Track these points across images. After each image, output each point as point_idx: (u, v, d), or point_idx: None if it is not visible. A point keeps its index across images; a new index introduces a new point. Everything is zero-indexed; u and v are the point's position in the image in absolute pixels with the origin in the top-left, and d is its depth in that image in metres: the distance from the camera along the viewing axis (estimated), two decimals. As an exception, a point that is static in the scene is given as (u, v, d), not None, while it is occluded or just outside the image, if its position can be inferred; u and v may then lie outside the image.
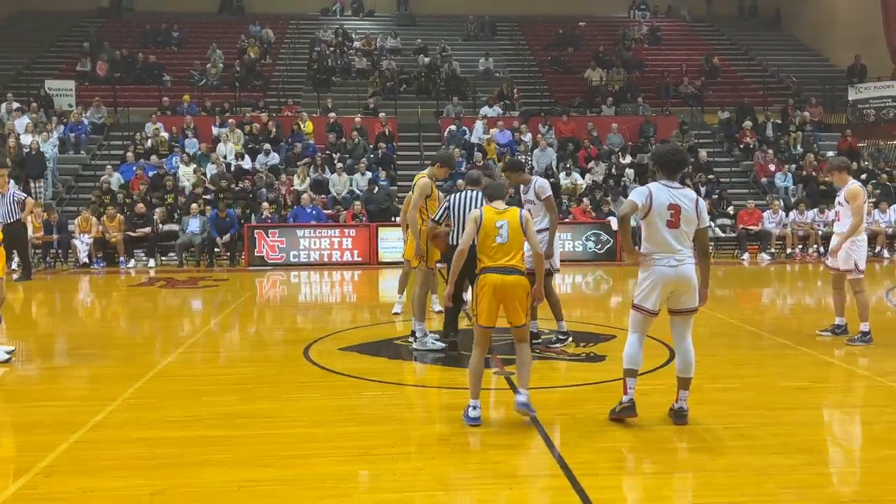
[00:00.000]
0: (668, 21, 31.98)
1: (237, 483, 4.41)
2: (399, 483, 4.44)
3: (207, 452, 4.92)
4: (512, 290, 5.26)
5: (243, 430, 5.38)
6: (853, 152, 21.45)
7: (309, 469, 4.63)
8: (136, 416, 5.72)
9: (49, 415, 5.80)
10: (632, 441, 5.11)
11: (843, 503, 4.16)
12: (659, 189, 5.31)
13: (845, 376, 7.00)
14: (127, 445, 5.09)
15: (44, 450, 4.94)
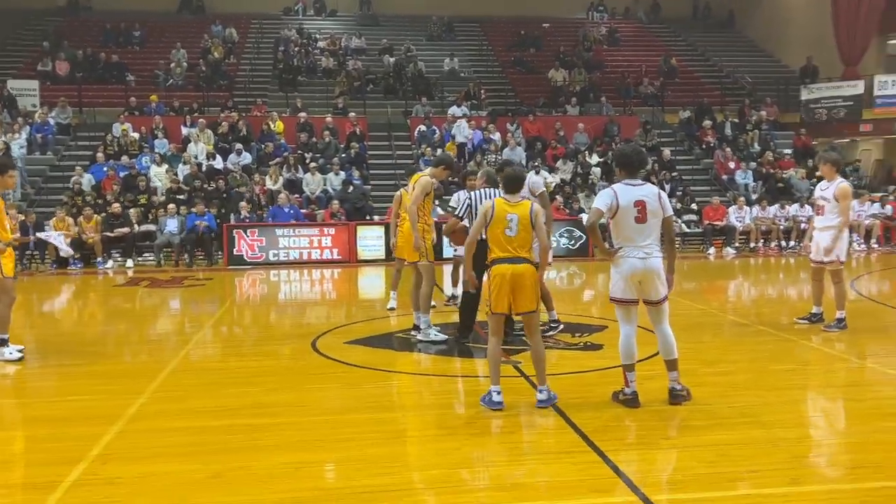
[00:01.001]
0: (625, 22, 32.69)
1: (293, 465, 4.68)
2: (442, 460, 4.75)
3: (251, 439, 5.17)
4: (521, 279, 5.59)
5: (277, 418, 5.64)
6: (807, 150, 22.37)
7: (355, 451, 4.91)
8: (168, 408, 5.93)
9: (81, 408, 5.98)
10: (647, 419, 5.49)
11: (848, 468, 4.59)
12: (623, 189, 5.69)
13: (828, 360, 7.50)
14: (170, 434, 5.30)
15: (89, 440, 5.13)
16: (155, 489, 4.36)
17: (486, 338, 8.20)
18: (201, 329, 9.35)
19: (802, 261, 16.51)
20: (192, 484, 4.44)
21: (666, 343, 5.81)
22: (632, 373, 5.79)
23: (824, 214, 8.66)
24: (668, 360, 5.83)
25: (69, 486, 4.38)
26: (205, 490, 4.35)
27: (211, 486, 4.41)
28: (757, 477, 4.45)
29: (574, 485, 4.38)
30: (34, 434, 5.38)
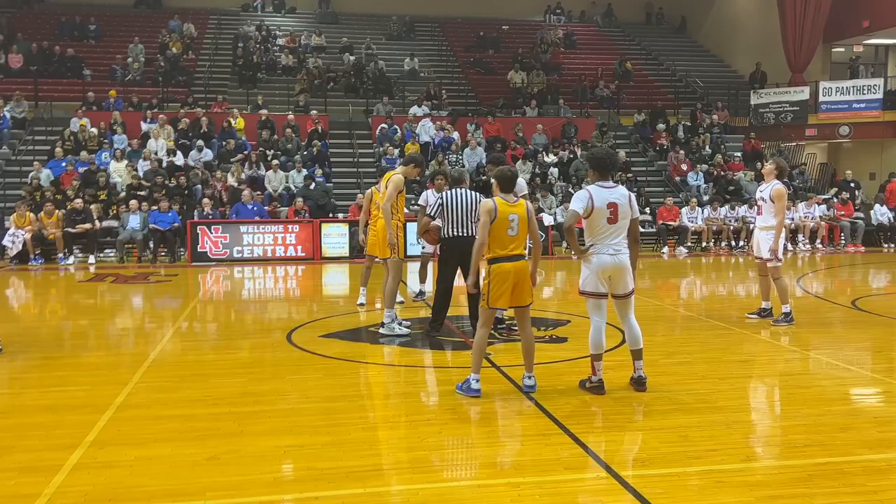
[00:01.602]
0: (581, 26, 33.30)
1: (282, 448, 4.94)
2: (427, 443, 5.07)
3: (240, 425, 5.41)
4: (521, 275, 5.94)
5: (265, 406, 5.89)
6: (757, 153, 23.19)
7: (343, 435, 5.19)
8: (155, 398, 6.13)
9: (69, 398, 6.15)
10: (612, 405, 5.88)
11: (797, 447, 5.02)
12: (597, 190, 6.07)
13: (778, 351, 8.00)
14: (162, 421, 5.52)
15: (83, 427, 5.32)
16: (154, 471, 4.58)
17: (457, 332, 8.60)
18: (174, 323, 9.50)
19: (751, 260, 17.23)
20: (190, 466, 4.67)
21: (632, 334, 6.21)
22: (599, 362, 6.17)
23: (762, 214, 9.20)
24: (634, 349, 6.23)
25: (70, 469, 4.58)
26: (202, 471, 4.59)
27: (208, 467, 4.65)
28: (715, 455, 4.85)
29: (549, 463, 4.73)
30: (28, 422, 5.53)
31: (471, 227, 7.90)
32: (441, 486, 4.45)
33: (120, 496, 4.22)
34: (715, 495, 4.21)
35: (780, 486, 4.36)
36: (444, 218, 8.03)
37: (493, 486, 4.38)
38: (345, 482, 4.41)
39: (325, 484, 4.37)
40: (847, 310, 10.41)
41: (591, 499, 4.24)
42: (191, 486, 4.37)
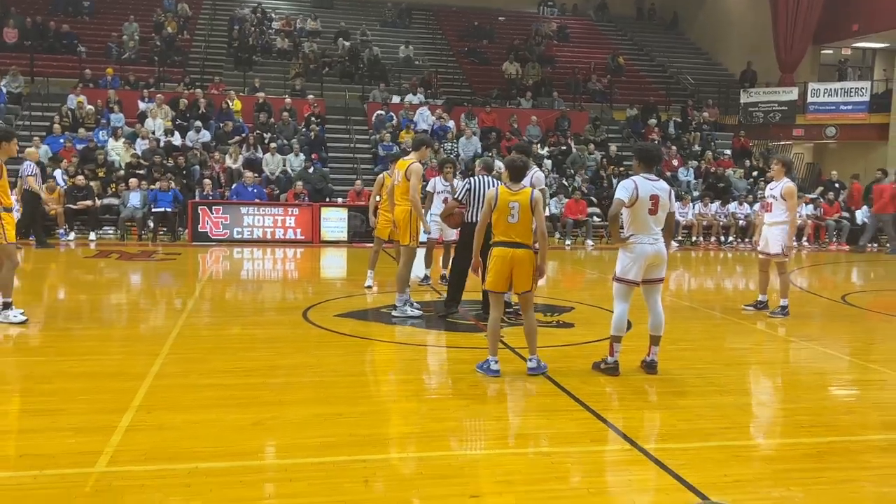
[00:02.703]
0: (575, 19, 33.58)
1: (324, 416, 5.21)
2: (457, 415, 5.36)
3: (278, 395, 5.67)
4: (520, 262, 6.19)
5: (296, 378, 6.15)
6: (745, 151, 23.65)
7: (376, 406, 5.47)
8: (190, 368, 6.36)
9: (107, 366, 6.38)
10: (627, 387, 6.19)
11: (804, 427, 5.36)
12: (642, 182, 6.37)
13: (777, 340, 8.37)
14: (201, 389, 5.77)
15: (126, 393, 5.55)
16: (204, 433, 4.83)
17: (467, 315, 8.89)
18: (189, 300, 9.71)
19: (740, 255, 17.68)
20: (237, 430, 4.93)
21: (657, 320, 6.50)
22: (618, 344, 6.47)
23: (772, 211, 9.51)
24: (656, 335, 6.54)
25: (125, 430, 4.82)
26: (250, 435, 4.84)
27: (255, 431, 4.91)
28: (730, 432, 5.19)
29: (575, 436, 5.04)
30: (71, 387, 5.75)
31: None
32: (477, 453, 4.75)
33: (178, 455, 4.47)
34: (734, 467, 4.53)
35: (793, 461, 4.69)
36: (470, 203, 8.29)
37: (525, 455, 4.69)
38: (387, 447, 4.70)
39: (369, 448, 4.65)
40: (838, 304, 10.82)
41: (620, 468, 4.55)
42: (243, 447, 4.62)
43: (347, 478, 4.21)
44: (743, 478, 4.37)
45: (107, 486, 4.03)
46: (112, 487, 4.02)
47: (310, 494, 4.01)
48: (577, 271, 14.42)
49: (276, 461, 4.46)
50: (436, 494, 4.09)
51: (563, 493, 4.16)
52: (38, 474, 4.14)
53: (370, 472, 4.33)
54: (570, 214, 18.24)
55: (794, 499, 4.10)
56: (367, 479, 4.20)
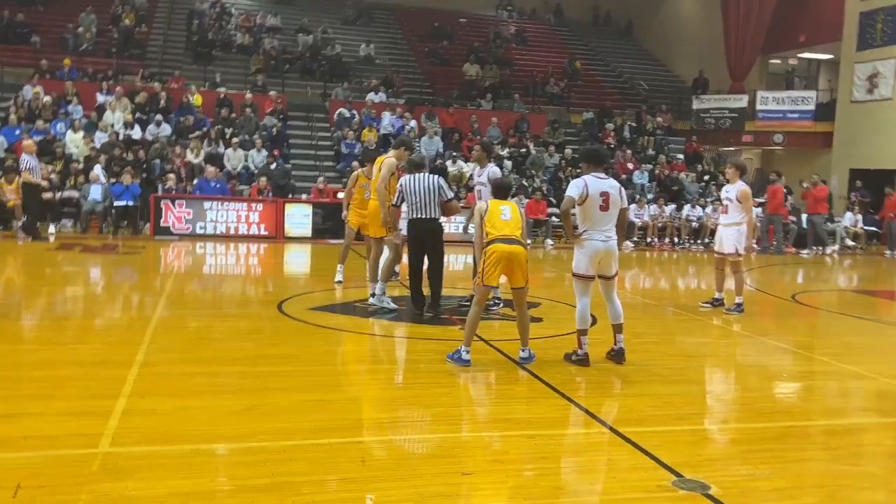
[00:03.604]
0: (532, 23, 34.05)
1: (313, 402, 5.41)
2: (443, 399, 5.61)
3: (265, 383, 5.83)
4: (515, 258, 6.48)
5: (281, 367, 6.32)
6: (697, 156, 24.36)
7: (365, 392, 5.69)
8: (174, 357, 6.49)
9: (88, 355, 6.47)
10: (598, 376, 6.50)
11: (765, 413, 5.73)
12: (592, 180, 6.71)
13: (733, 335, 8.79)
14: (189, 377, 5.91)
15: (115, 380, 5.65)
16: (199, 418, 4.99)
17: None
18: (162, 292, 9.76)
19: (693, 255, 18.26)
20: (231, 415, 5.09)
21: (615, 310, 6.85)
22: (585, 337, 6.78)
23: (728, 213, 9.96)
24: (616, 324, 6.87)
25: (121, 415, 4.95)
26: (244, 419, 5.01)
27: (248, 416, 5.08)
28: (698, 417, 5.54)
29: (555, 420, 5.33)
30: (60, 374, 5.84)
31: (431, 209, 8.30)
32: (464, 435, 5.00)
33: (177, 437, 4.62)
34: (705, 448, 4.87)
35: (757, 442, 5.04)
36: (407, 202, 8.39)
37: (511, 437, 4.94)
38: (379, 430, 4.93)
39: (361, 431, 4.87)
40: (788, 303, 11.35)
41: (599, 449, 4.85)
42: (238, 430, 4.79)
43: (344, 458, 4.42)
44: (713, 457, 4.70)
45: (113, 465, 4.17)
46: (118, 467, 4.16)
47: (310, 473, 4.21)
48: (538, 269, 14.74)
49: (273, 443, 4.63)
50: (430, 472, 4.33)
51: (549, 471, 4.43)
52: (45, 454, 4.26)
53: (365, 452, 4.55)
54: (530, 214, 18.59)
55: (761, 475, 4.43)
56: (364, 459, 4.42)
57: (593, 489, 4.20)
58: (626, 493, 4.10)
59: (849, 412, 5.98)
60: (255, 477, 4.11)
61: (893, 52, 22.62)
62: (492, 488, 4.16)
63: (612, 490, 4.16)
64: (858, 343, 8.71)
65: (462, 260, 15.32)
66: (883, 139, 22.84)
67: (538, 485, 4.23)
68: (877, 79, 23.21)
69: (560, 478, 4.35)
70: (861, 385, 6.71)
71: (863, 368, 7.20)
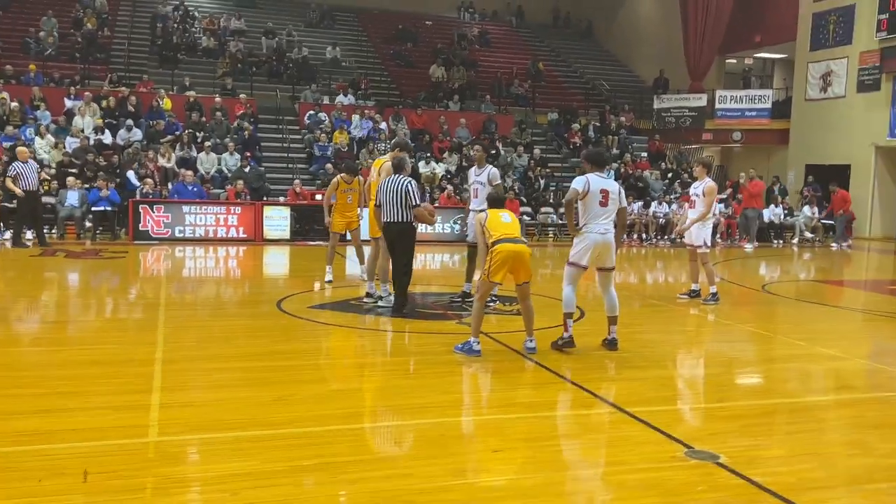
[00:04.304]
0: (495, 25, 34.52)
1: (340, 391, 5.72)
2: (456, 388, 5.97)
3: (289, 376, 6.11)
4: (520, 256, 6.84)
5: (298, 361, 6.61)
6: (660, 154, 25.04)
7: (383, 383, 6.01)
8: (192, 355, 6.73)
9: (109, 354, 6.67)
10: (596, 363, 6.90)
11: (756, 391, 6.20)
12: (594, 178, 7.15)
13: (714, 323, 9.28)
14: (212, 373, 6.15)
15: (143, 377, 5.90)
16: (234, 408, 5.26)
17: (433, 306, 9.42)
18: (159, 295, 9.93)
19: (660, 251, 18.84)
20: (263, 405, 5.37)
21: (611, 302, 7.26)
22: (570, 320, 7.16)
23: (695, 207, 10.48)
24: (611, 315, 7.28)
25: (159, 407, 5.20)
26: (278, 408, 5.30)
27: (280, 406, 5.37)
28: (696, 397, 5.98)
29: (566, 402, 5.72)
30: (87, 373, 6.05)
31: (400, 212, 8.42)
32: (486, 418, 5.35)
33: (218, 426, 4.89)
34: (710, 423, 5.29)
35: (753, 417, 5.48)
36: (384, 203, 8.51)
37: (528, 418, 5.31)
38: (406, 415, 5.25)
39: (391, 416, 5.20)
40: (759, 293, 11.91)
41: (612, 427, 5.23)
42: (274, 418, 5.08)
43: (380, 440, 4.75)
44: (717, 431, 5.12)
45: (167, 452, 4.44)
46: (172, 453, 4.43)
47: (351, 454, 4.52)
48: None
49: (311, 429, 4.93)
50: (462, 450, 4.68)
51: (571, 446, 4.81)
52: (99, 444, 4.51)
53: (398, 435, 4.88)
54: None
55: (761, 446, 4.86)
56: (398, 441, 4.74)
57: (614, 460, 4.57)
58: (644, 463, 4.49)
59: (830, 389, 6.47)
60: (301, 458, 4.41)
61: (846, 51, 23.55)
62: (522, 462, 4.52)
63: (630, 461, 4.54)
64: (829, 328, 9.28)
65: (455, 259, 15.69)
66: (836, 136, 23.77)
67: (563, 458, 4.60)
68: (830, 77, 24.14)
69: (583, 452, 4.73)
70: (837, 365, 7.23)
71: (836, 350, 7.74)
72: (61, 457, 4.30)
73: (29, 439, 4.56)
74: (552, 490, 4.07)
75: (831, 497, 4.12)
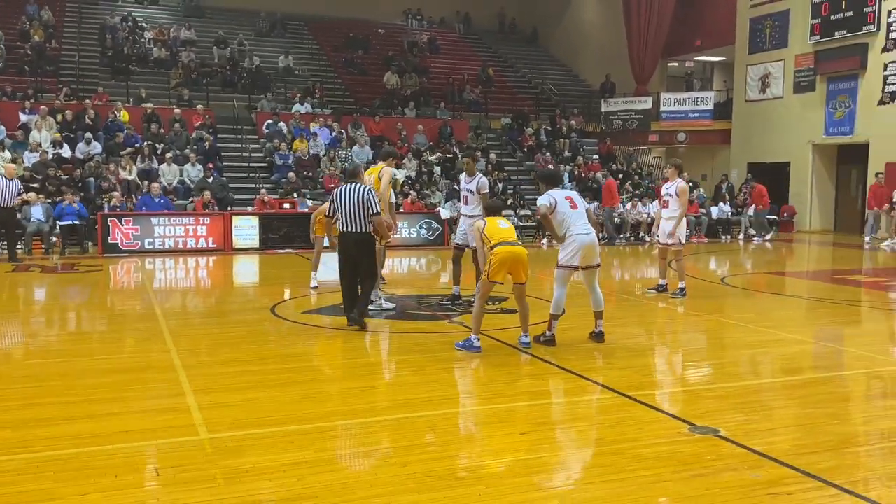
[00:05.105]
0: (442, 32, 35.06)
1: (360, 388, 6.12)
2: (466, 380, 6.45)
3: (306, 377, 6.50)
4: (519, 258, 7.31)
5: (311, 363, 7.01)
6: (611, 155, 25.89)
7: (396, 378, 6.43)
8: (209, 360, 7.04)
9: (126, 363, 6.95)
10: (587, 354, 7.42)
11: (738, 374, 6.79)
12: (555, 191, 7.76)
13: (685, 315, 9.92)
14: (234, 375, 6.48)
15: (171, 382, 6.21)
16: (268, 407, 5.62)
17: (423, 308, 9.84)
18: (151, 305, 10.15)
19: (618, 249, 19.59)
20: (294, 403, 5.74)
21: (597, 298, 7.80)
22: (556, 321, 7.67)
23: (668, 207, 11.12)
24: (598, 310, 7.82)
25: (198, 409, 5.52)
26: (307, 406, 5.68)
27: (309, 403, 5.75)
28: (686, 381, 6.55)
29: (568, 390, 6.22)
30: (112, 381, 6.31)
31: (360, 222, 8.16)
32: (504, 406, 5.80)
33: (262, 422, 5.25)
34: (704, 402, 5.85)
35: (740, 396, 6.07)
36: (337, 213, 8.29)
37: (538, 405, 5.81)
38: (430, 406, 5.68)
39: (416, 408, 5.61)
40: (720, 286, 12.65)
41: (618, 409, 5.74)
42: (309, 414, 5.46)
43: (414, 429, 5.16)
44: (712, 410, 5.68)
45: (224, 447, 4.78)
46: (229, 448, 4.78)
47: (392, 442, 4.94)
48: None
49: (346, 422, 5.32)
50: (493, 434, 5.14)
51: (587, 427, 5.31)
52: (155, 443, 4.83)
53: (429, 424, 5.30)
54: (465, 217, 19.54)
55: (753, 420, 5.43)
56: (433, 429, 5.17)
57: (628, 437, 5.07)
58: (655, 439, 5.01)
59: (803, 370, 7.12)
60: (348, 448, 4.83)
61: (782, 54, 24.73)
62: (547, 441, 5.02)
63: (642, 438, 5.05)
64: (790, 315, 10.03)
65: (422, 262, 16.09)
66: (776, 135, 24.94)
67: (583, 437, 5.10)
68: (768, 79, 25.31)
69: (599, 431, 5.23)
70: (805, 349, 7.92)
71: (801, 336, 8.46)
72: (124, 455, 4.61)
73: (84, 441, 4.86)
74: (583, 464, 4.56)
75: (821, 460, 4.69)
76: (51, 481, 4.25)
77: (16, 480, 4.26)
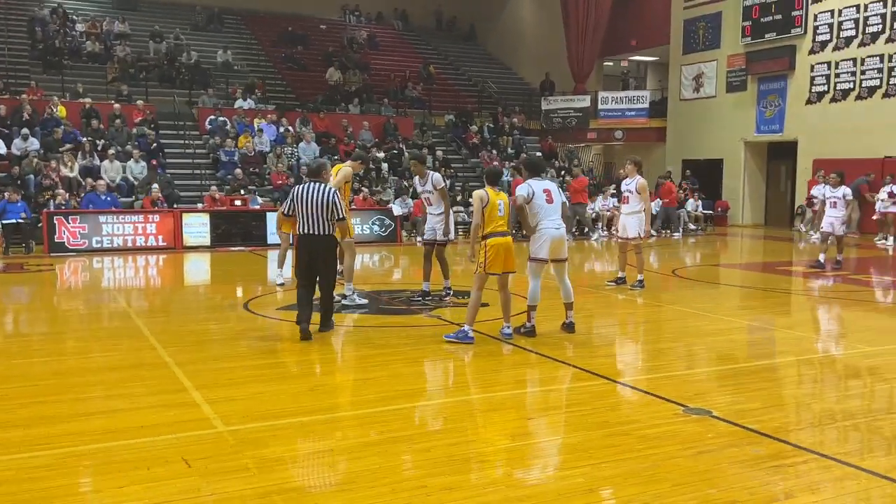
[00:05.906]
0: (380, 28, 35.05)
1: (361, 380, 6.25)
2: (462, 371, 6.62)
3: (307, 371, 6.61)
4: (510, 248, 7.52)
5: (307, 356, 7.07)
6: (553, 153, 26.42)
7: (388, 370, 6.54)
8: (199, 357, 7.04)
9: (118, 361, 6.90)
10: (562, 343, 7.69)
11: (712, 359, 7.17)
12: (534, 182, 7.98)
13: (647, 306, 10.31)
14: (234, 370, 6.51)
15: (169, 378, 6.22)
16: (277, 400, 5.69)
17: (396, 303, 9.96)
18: (117, 303, 10.02)
19: (575, 243, 20.05)
20: (301, 394, 5.84)
21: (567, 290, 8.07)
22: (534, 312, 7.92)
23: (629, 203, 11.52)
24: (567, 302, 8.10)
25: (208, 403, 5.56)
26: (316, 397, 5.79)
27: (317, 394, 5.86)
28: (667, 367, 6.88)
29: (560, 378, 6.49)
30: (108, 378, 6.28)
31: (321, 224, 7.73)
32: (503, 394, 6.02)
33: (276, 414, 5.33)
34: (691, 386, 6.19)
35: (721, 380, 6.44)
36: (297, 213, 7.82)
37: (538, 392, 6.05)
38: (435, 395, 5.87)
39: (422, 397, 5.81)
40: (672, 277, 13.16)
41: (611, 394, 6.04)
42: (321, 405, 5.58)
43: (427, 417, 5.35)
44: (700, 392, 6.02)
45: (245, 438, 4.86)
46: (250, 438, 4.86)
47: (408, 429, 5.11)
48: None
49: (360, 412, 5.45)
50: (500, 420, 5.35)
51: (588, 412, 5.56)
52: (176, 437, 4.87)
53: (439, 411, 5.49)
54: (418, 213, 19.68)
55: (738, 401, 5.78)
56: (445, 416, 5.35)
57: (628, 420, 5.36)
58: (654, 420, 5.30)
59: (771, 354, 7.57)
60: (369, 435, 4.95)
61: (715, 55, 25.67)
62: (555, 425, 5.27)
63: (642, 420, 5.34)
64: (744, 304, 10.57)
65: (374, 259, 16.17)
66: (709, 133, 25.89)
67: (587, 421, 5.35)
68: (702, 79, 26.24)
69: (600, 415, 5.49)
70: (768, 335, 8.40)
71: (759, 323, 8.94)
72: (149, 449, 4.65)
73: (105, 437, 4.87)
74: (594, 444, 4.81)
75: (809, 435, 5.07)
76: (83, 475, 4.28)
77: (45, 476, 4.27)
